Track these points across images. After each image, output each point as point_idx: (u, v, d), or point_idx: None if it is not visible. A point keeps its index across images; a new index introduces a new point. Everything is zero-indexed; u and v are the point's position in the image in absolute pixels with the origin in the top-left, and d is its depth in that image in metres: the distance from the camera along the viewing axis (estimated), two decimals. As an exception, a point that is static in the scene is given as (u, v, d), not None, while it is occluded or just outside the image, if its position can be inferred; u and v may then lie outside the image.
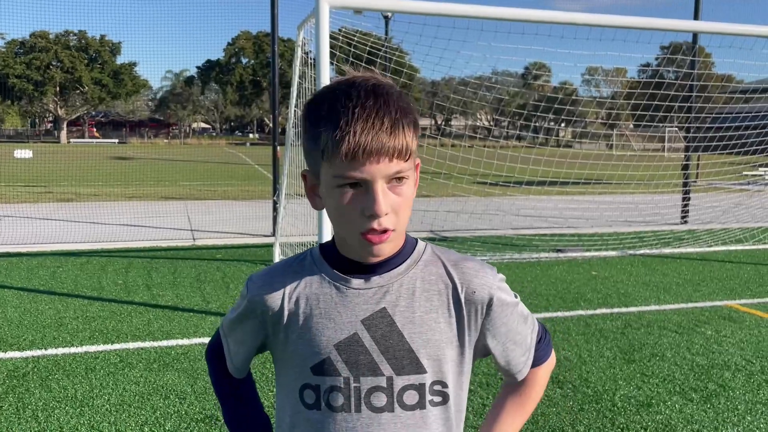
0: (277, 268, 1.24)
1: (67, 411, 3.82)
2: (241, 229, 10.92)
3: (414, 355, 1.16)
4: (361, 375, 1.16)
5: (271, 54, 10.13)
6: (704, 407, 3.95)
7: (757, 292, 6.93)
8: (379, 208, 1.06)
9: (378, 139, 1.04)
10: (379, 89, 1.09)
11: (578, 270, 8.00)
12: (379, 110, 1.06)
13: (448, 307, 1.19)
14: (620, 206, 13.18)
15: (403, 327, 1.16)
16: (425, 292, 1.18)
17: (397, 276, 1.18)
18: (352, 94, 1.07)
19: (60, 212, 12.89)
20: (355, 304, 1.17)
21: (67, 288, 6.79)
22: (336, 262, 1.20)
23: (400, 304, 1.17)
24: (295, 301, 1.19)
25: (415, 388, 1.17)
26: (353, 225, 1.10)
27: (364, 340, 1.16)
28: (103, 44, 73.15)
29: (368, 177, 1.06)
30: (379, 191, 1.07)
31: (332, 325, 1.17)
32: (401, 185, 1.10)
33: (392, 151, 1.06)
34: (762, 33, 6.86)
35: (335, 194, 1.10)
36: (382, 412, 1.16)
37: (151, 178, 22.44)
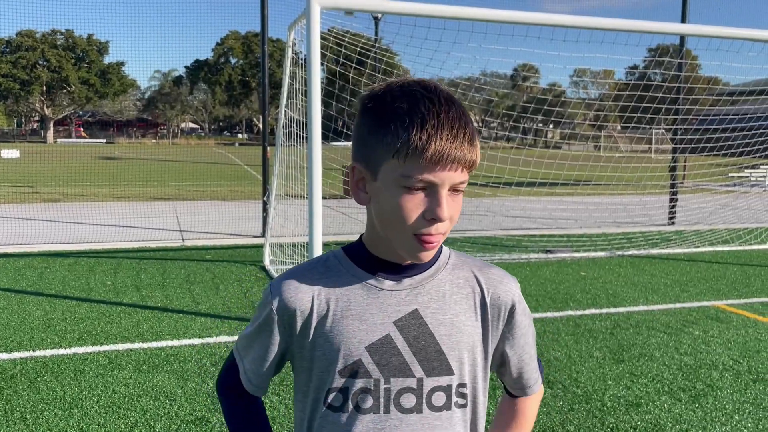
0: (299, 271, 1.22)
1: (56, 413, 3.79)
2: (230, 230, 10.88)
3: (444, 357, 1.18)
4: (392, 376, 1.16)
5: (261, 54, 10.11)
6: (693, 407, 3.98)
7: (744, 293, 7.00)
8: (444, 213, 1.08)
9: (461, 148, 1.07)
10: (454, 98, 1.12)
11: (567, 270, 8.04)
12: (461, 120, 1.08)
13: (475, 311, 1.22)
14: (609, 207, 13.26)
15: (434, 328, 1.18)
16: (454, 295, 1.20)
17: (427, 278, 1.19)
18: (434, 99, 1.08)
19: (47, 213, 12.79)
20: (388, 305, 1.17)
21: (55, 289, 6.74)
22: (364, 262, 1.19)
23: (431, 306, 1.18)
24: (325, 302, 1.17)
25: (443, 389, 1.18)
26: (409, 225, 1.09)
27: (397, 341, 1.16)
28: (90, 43, 72.66)
29: (440, 182, 1.08)
30: (444, 197, 1.09)
31: (364, 327, 1.16)
32: (459, 195, 1.12)
33: (467, 162, 1.09)
34: (748, 36, 6.93)
35: (397, 192, 1.09)
36: (410, 413, 1.17)
37: (139, 178, 22.32)
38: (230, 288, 6.88)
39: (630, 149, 31.85)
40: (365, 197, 1.16)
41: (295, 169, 7.26)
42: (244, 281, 7.22)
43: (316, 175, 5.23)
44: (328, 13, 5.74)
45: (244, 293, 6.67)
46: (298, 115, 7.00)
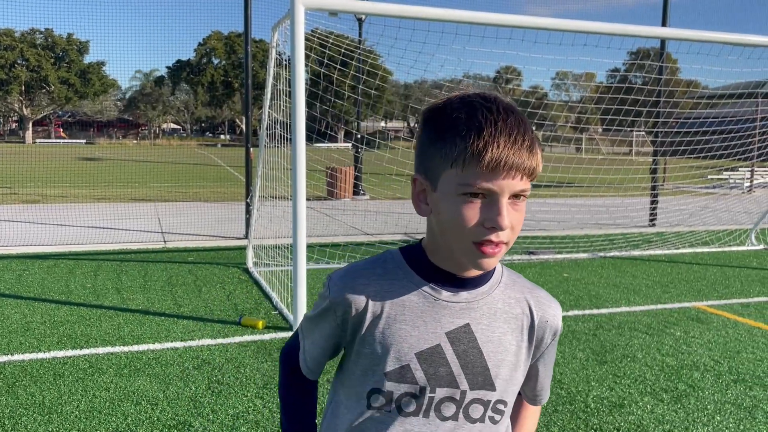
0: (359, 269, 1.23)
1: (35, 418, 3.72)
2: (213, 232, 10.80)
3: (488, 373, 1.20)
4: (438, 386, 1.18)
5: (245, 55, 10.05)
6: (675, 407, 4.01)
7: (723, 294, 7.09)
8: (504, 222, 1.08)
9: (519, 155, 1.07)
10: (514, 108, 1.12)
11: (550, 272, 8.09)
12: (520, 127, 1.09)
13: (522, 331, 1.24)
14: (591, 209, 13.37)
15: (483, 344, 1.20)
16: (504, 314, 1.23)
17: (482, 294, 1.21)
18: (492, 108, 1.10)
19: (25, 214, 12.60)
20: (442, 315, 1.19)
21: (33, 292, 6.64)
22: (423, 269, 1.20)
23: (482, 322, 1.20)
24: (380, 304, 1.19)
25: (481, 403, 1.21)
26: (469, 234, 1.10)
27: (447, 352, 1.18)
28: (70, 43, 71.78)
29: (498, 190, 1.08)
30: (504, 205, 1.09)
31: (416, 333, 1.18)
32: (521, 203, 1.12)
33: (526, 170, 1.09)
34: (727, 40, 7.02)
35: (456, 201, 1.10)
36: (447, 420, 1.20)
37: (120, 179, 22.09)
38: (213, 290, 6.83)
39: (611, 151, 32.15)
40: (426, 209, 1.18)
41: (278, 170, 7.22)
42: (227, 283, 7.16)
43: (300, 177, 5.20)
44: (312, 13, 5.71)
45: (226, 295, 6.62)
46: (282, 116, 6.97)
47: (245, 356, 4.81)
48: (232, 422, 3.71)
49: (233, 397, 4.06)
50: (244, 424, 3.68)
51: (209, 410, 3.86)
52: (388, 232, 10.94)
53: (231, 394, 4.10)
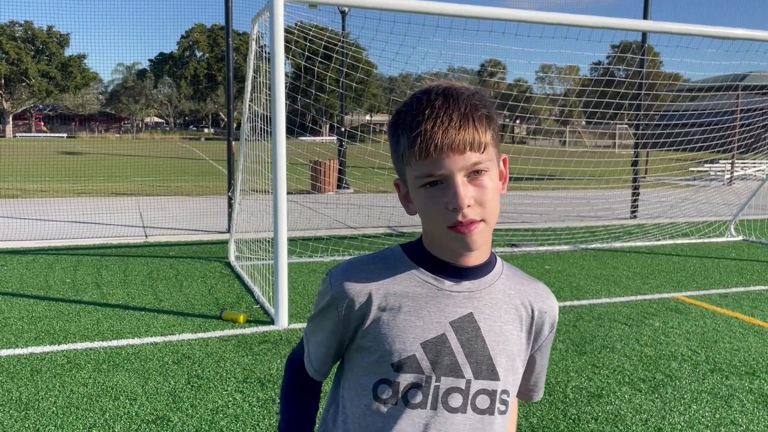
0: (359, 263, 1.24)
1: (11, 414, 3.69)
2: (194, 226, 10.73)
3: (492, 362, 1.21)
4: (443, 375, 1.19)
5: (226, 48, 9.97)
6: (652, 397, 4.06)
7: (702, 285, 7.17)
8: (461, 201, 1.09)
9: (447, 134, 1.09)
10: (449, 90, 1.14)
11: (532, 264, 8.13)
12: (448, 108, 1.10)
13: (521, 322, 1.26)
14: (573, 201, 13.45)
15: (486, 334, 1.21)
16: (505, 304, 1.24)
17: (485, 284, 1.23)
18: (423, 98, 1.13)
19: (4, 209, 12.44)
20: (445, 305, 1.19)
21: (11, 287, 6.56)
22: (425, 262, 1.22)
23: (485, 312, 1.21)
24: (383, 297, 1.19)
25: (487, 393, 1.22)
26: (441, 221, 1.12)
27: (451, 341, 1.19)
28: (50, 35, 70.80)
29: (445, 172, 1.10)
30: (458, 184, 1.10)
31: (421, 324, 1.18)
32: (481, 177, 1.12)
33: (463, 145, 1.09)
34: (707, 33, 7.07)
35: (421, 194, 1.14)
36: (456, 412, 1.20)
37: (101, 173, 21.86)
38: (194, 285, 6.79)
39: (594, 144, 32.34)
40: (413, 207, 1.21)
41: (259, 164, 7.18)
42: (209, 278, 7.12)
43: (280, 171, 5.18)
44: (292, 6, 5.68)
45: (208, 290, 6.58)
46: (263, 109, 6.93)
47: (226, 350, 4.79)
48: (211, 416, 3.70)
49: (213, 391, 4.05)
50: (223, 419, 3.67)
51: (188, 405, 3.84)
52: (372, 225, 10.94)
53: (211, 389, 4.08)
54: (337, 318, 1.22)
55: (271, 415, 3.72)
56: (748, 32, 7.25)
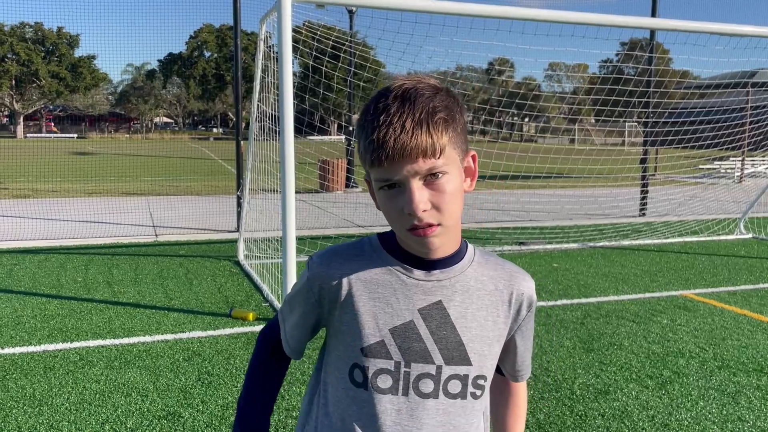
0: (337, 250, 1.28)
1: (26, 410, 3.75)
2: (204, 225, 10.80)
3: (463, 348, 1.23)
4: (412, 361, 1.21)
5: (234, 47, 10.03)
6: (659, 394, 4.07)
7: (711, 282, 7.16)
8: (414, 207, 1.10)
9: (399, 141, 1.08)
10: (408, 93, 1.12)
11: (540, 262, 8.14)
12: (402, 114, 1.10)
13: (497, 307, 1.27)
14: (581, 199, 13.43)
15: (456, 320, 1.23)
16: (478, 291, 1.26)
17: (455, 273, 1.24)
18: (380, 102, 1.13)
19: (17, 209, 12.56)
20: (414, 293, 1.22)
21: (24, 286, 6.64)
22: (397, 252, 1.24)
23: (455, 299, 1.23)
24: (355, 282, 1.23)
25: (459, 378, 1.23)
26: (399, 224, 1.15)
27: (420, 328, 1.21)
28: (60, 36, 71.24)
29: (400, 178, 1.11)
30: (413, 190, 1.11)
31: (390, 310, 1.21)
32: (438, 180, 1.12)
33: (415, 152, 1.09)
34: (716, 30, 7.05)
35: (381, 196, 1.16)
36: (428, 398, 1.22)
37: (111, 173, 22.01)
38: (204, 283, 6.85)
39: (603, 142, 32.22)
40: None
41: (268, 163, 7.23)
42: (218, 276, 7.18)
43: (288, 170, 5.22)
44: (300, 6, 5.71)
45: (217, 288, 6.64)
46: (271, 109, 6.97)
47: (235, 348, 4.84)
48: (221, 412, 3.75)
49: (223, 387, 4.10)
50: (233, 414, 3.72)
51: (199, 401, 3.89)
52: (380, 224, 10.97)
53: (221, 385, 4.13)
54: (313, 299, 1.26)
55: (279, 411, 3.77)
56: (758, 29, 7.23)
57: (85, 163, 26.71)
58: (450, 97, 1.16)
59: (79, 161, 26.85)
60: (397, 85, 1.15)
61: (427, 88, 1.14)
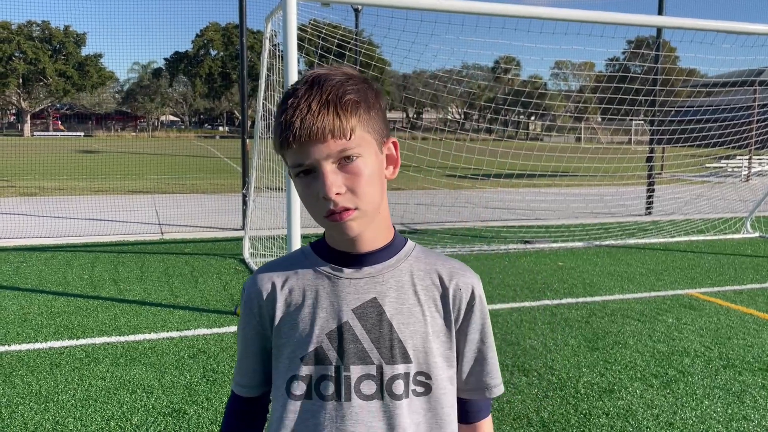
0: (270, 264, 1.28)
1: (31, 407, 3.77)
2: (210, 223, 10.83)
3: (402, 345, 1.19)
4: (351, 363, 1.18)
5: (240, 46, 10.05)
6: (664, 392, 4.06)
7: (717, 281, 7.13)
8: (327, 190, 1.09)
9: (305, 122, 1.08)
10: (318, 78, 1.12)
11: (545, 261, 8.13)
12: (309, 97, 1.09)
13: (435, 302, 1.23)
14: (586, 198, 13.39)
15: (392, 317, 1.19)
16: (414, 285, 1.22)
17: (388, 268, 1.21)
18: (290, 91, 1.12)
19: (23, 207, 12.63)
20: (346, 293, 1.19)
21: (31, 283, 6.68)
22: (328, 255, 1.22)
23: (389, 295, 1.20)
24: (287, 293, 1.21)
25: (401, 377, 1.19)
26: (316, 210, 1.13)
27: (355, 328, 1.18)
28: (67, 35, 71.49)
29: (312, 161, 1.10)
30: (326, 173, 1.09)
31: (324, 315, 1.19)
32: (352, 163, 1.11)
33: (322, 132, 1.08)
34: (723, 28, 7.03)
35: (297, 184, 1.14)
36: (371, 399, 1.18)
37: (118, 171, 22.09)
38: (209, 281, 6.87)
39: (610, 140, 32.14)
40: None
41: (273, 161, 7.25)
42: (223, 274, 7.20)
43: (293, 167, 5.22)
44: (305, 4, 5.73)
45: (223, 286, 6.66)
46: (276, 107, 6.98)
47: (240, 345, 4.85)
48: (226, 410, 3.76)
49: (228, 385, 4.11)
50: None
51: (204, 398, 3.91)
52: (385, 222, 10.96)
53: (226, 382, 4.14)
54: (255, 320, 1.24)
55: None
56: (765, 27, 7.20)
57: (92, 161, 26.82)
58: (363, 83, 1.14)
59: (86, 159, 26.96)
60: (309, 73, 1.14)
61: (338, 75, 1.13)
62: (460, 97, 15.95)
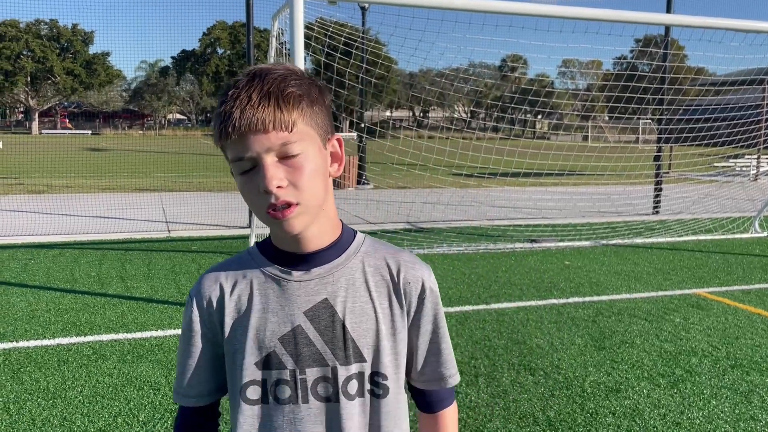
0: (216, 267, 1.25)
1: (39, 403, 3.79)
2: (216, 221, 10.86)
3: (355, 345, 1.18)
4: (306, 366, 1.16)
5: (247, 44, 10.06)
6: (671, 392, 4.05)
7: (725, 281, 7.10)
8: (268, 182, 1.06)
9: (245, 113, 1.05)
10: (259, 72, 1.10)
11: (552, 260, 8.11)
12: (250, 89, 1.07)
13: (388, 297, 1.21)
14: (593, 197, 13.36)
15: (344, 317, 1.17)
16: (365, 282, 1.20)
17: (337, 266, 1.19)
18: (237, 82, 1.09)
19: (31, 204, 12.69)
20: (297, 296, 1.17)
21: (39, 280, 6.71)
22: (274, 256, 1.20)
23: (340, 295, 1.18)
24: (236, 298, 1.19)
25: (356, 377, 1.18)
26: (258, 206, 1.10)
27: (308, 331, 1.17)
28: (75, 33, 71.81)
29: (252, 154, 1.06)
30: (267, 166, 1.06)
31: (275, 319, 1.17)
32: (294, 158, 1.08)
33: (262, 123, 1.05)
34: (732, 26, 6.99)
35: (238, 180, 1.11)
36: (328, 402, 1.17)
37: (125, 169, 22.17)
38: (216, 278, 6.88)
39: (617, 139, 32.02)
40: None
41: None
42: (230, 272, 7.21)
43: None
44: (312, 2, 5.73)
45: (229, 284, 6.67)
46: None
47: (247, 343, 4.87)
48: (232, 407, 3.77)
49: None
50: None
51: (210, 395, 3.91)
52: (391, 221, 10.98)
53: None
54: (204, 327, 1.21)
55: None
56: (773, 25, 7.15)
57: (99, 159, 26.93)
58: (306, 78, 1.13)
59: (93, 157, 27.08)
60: (251, 68, 1.12)
61: (281, 69, 1.11)
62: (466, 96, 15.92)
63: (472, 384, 4.12)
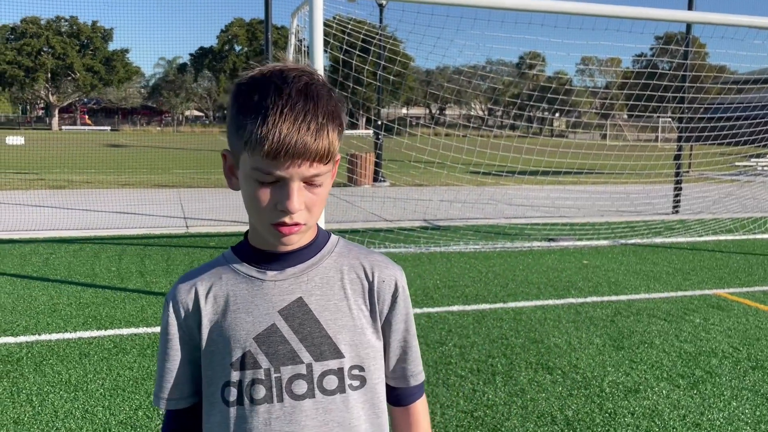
0: (191, 272, 1.26)
1: (61, 395, 3.85)
2: (234, 217, 10.93)
3: (331, 341, 1.19)
4: (281, 365, 1.18)
5: (265, 42, 10.10)
6: (691, 393, 4.01)
7: (746, 281, 7.01)
8: (293, 206, 1.09)
9: (302, 142, 1.06)
10: (311, 89, 1.09)
11: (570, 259, 8.06)
12: (308, 113, 1.06)
13: (363, 295, 1.24)
14: (612, 196, 13.25)
15: (319, 314, 1.19)
16: (339, 281, 1.22)
17: (311, 266, 1.22)
18: (284, 91, 1.07)
19: (52, 199, 12.85)
20: (272, 295, 1.19)
21: (60, 274, 6.80)
22: (249, 256, 1.22)
23: (315, 293, 1.20)
24: (211, 300, 1.21)
25: (334, 372, 1.19)
26: (266, 216, 1.12)
27: (283, 330, 1.18)
28: (95, 30, 72.55)
29: (287, 176, 1.08)
30: (294, 190, 1.09)
31: (250, 319, 1.19)
32: (317, 187, 1.12)
33: (314, 155, 1.07)
34: (754, 24, 6.90)
35: (252, 185, 1.11)
36: (303, 399, 1.18)
37: (143, 165, 22.38)
38: (234, 274, 6.93)
39: (636, 138, 31.73)
40: (236, 183, 1.18)
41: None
42: (248, 268, 7.26)
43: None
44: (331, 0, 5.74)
45: (247, 280, 6.72)
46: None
47: (265, 338, 4.90)
48: (251, 402, 3.80)
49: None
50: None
51: (229, 390, 3.95)
52: (408, 218, 10.98)
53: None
54: (181, 330, 1.22)
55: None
56: (798, 22, 7.04)
57: (118, 155, 27.20)
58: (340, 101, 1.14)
59: (113, 153, 27.36)
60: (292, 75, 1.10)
61: (322, 87, 1.11)
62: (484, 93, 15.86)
63: (489, 382, 4.11)
